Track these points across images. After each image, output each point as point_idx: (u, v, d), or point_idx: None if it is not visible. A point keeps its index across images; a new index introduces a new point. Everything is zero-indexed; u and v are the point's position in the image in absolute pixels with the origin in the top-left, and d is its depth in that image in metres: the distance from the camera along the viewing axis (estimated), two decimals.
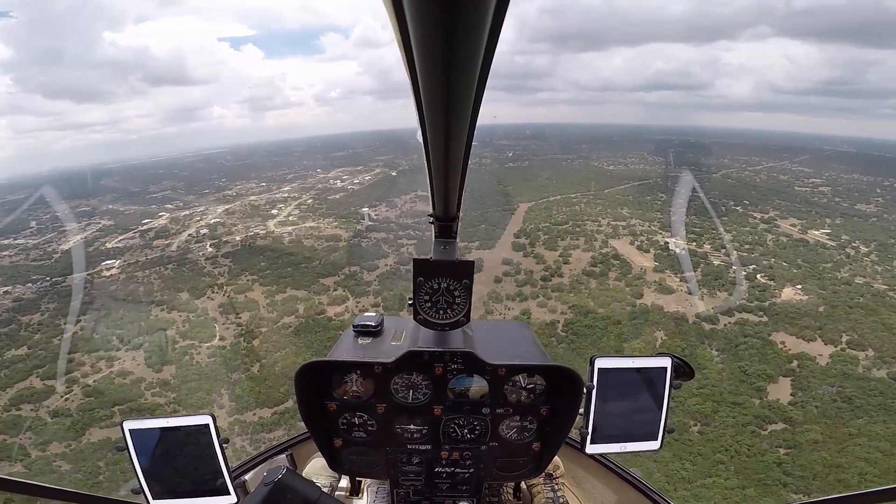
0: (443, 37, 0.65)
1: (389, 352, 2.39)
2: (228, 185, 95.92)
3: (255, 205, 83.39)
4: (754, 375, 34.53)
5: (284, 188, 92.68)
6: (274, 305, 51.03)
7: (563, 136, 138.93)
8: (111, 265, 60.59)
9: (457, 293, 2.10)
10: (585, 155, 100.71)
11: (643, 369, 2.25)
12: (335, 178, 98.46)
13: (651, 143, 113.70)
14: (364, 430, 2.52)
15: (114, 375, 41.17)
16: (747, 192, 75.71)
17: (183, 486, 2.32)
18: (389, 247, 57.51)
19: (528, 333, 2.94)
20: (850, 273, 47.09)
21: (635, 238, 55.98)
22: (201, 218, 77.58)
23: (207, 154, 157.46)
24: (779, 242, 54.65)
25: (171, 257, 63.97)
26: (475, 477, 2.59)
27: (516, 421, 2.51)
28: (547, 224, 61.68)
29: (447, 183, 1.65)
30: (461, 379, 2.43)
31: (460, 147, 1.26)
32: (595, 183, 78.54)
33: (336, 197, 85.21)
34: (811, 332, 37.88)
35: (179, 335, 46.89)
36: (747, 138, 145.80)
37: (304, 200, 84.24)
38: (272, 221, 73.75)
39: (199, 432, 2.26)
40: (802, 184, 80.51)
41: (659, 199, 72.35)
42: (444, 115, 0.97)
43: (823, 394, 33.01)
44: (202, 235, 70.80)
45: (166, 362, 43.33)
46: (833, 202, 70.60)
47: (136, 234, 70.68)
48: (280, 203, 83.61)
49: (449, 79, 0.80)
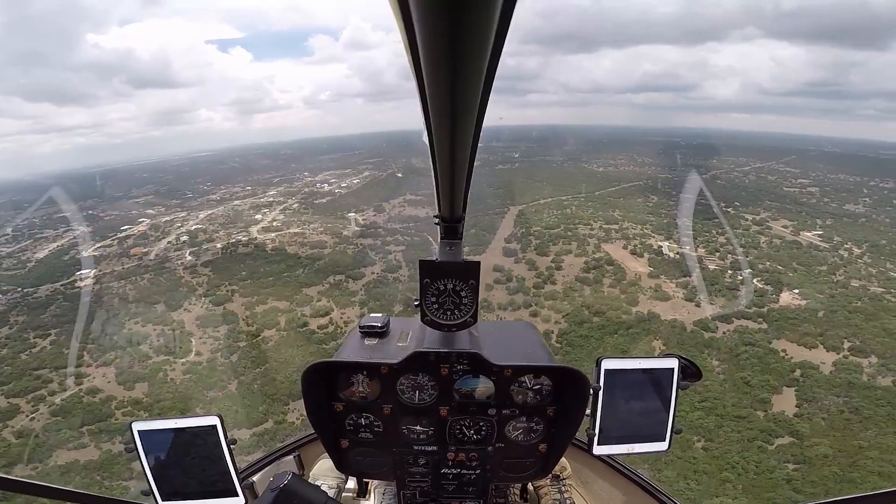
0: (449, 38, 0.64)
1: (396, 353, 2.38)
2: (213, 188, 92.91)
3: (239, 209, 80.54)
4: (757, 386, 32.73)
5: (270, 192, 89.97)
6: (254, 318, 48.36)
7: (553, 138, 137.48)
8: (86, 275, 58.00)
9: (463, 294, 2.05)
10: (575, 157, 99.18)
11: (650, 370, 2.22)
12: (322, 181, 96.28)
13: (640, 145, 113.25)
14: (370, 431, 2.49)
15: (83, 393, 38.63)
16: (737, 193, 74.81)
17: (191, 487, 2.31)
18: (377, 253, 54.92)
19: (534, 334, 2.88)
20: (846, 276, 45.75)
21: (628, 242, 54.18)
22: (182, 224, 74.63)
23: (194, 157, 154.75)
24: (773, 245, 53.30)
25: (149, 266, 61.32)
26: (481, 478, 2.54)
27: (523, 422, 2.47)
28: (538, 228, 59.66)
29: (453, 184, 1.64)
30: (467, 380, 2.39)
31: (466, 148, 1.26)
32: (586, 185, 76.91)
33: (323, 201, 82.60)
34: (812, 339, 36.21)
35: (154, 350, 44.15)
36: (734, 139, 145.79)
37: (290, 205, 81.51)
38: (256, 227, 70.81)
39: (206, 433, 2.25)
40: (790, 184, 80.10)
41: (650, 202, 71.08)
42: (450, 116, 0.98)
43: (830, 404, 31.26)
44: (182, 243, 67.89)
45: (139, 379, 40.55)
46: (822, 202, 70.26)
47: (115, 241, 68.26)
48: (265, 208, 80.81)
49: (455, 80, 0.79)
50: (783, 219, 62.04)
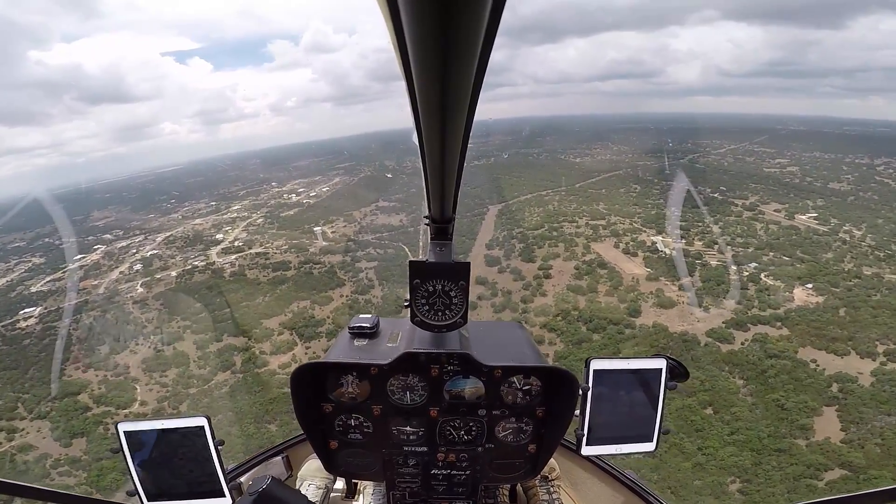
0: (439, 38, 0.62)
1: (386, 353, 2.30)
2: (176, 206, 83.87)
3: (200, 229, 71.91)
4: (794, 410, 26.86)
5: (234, 207, 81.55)
6: (206, 359, 40.72)
7: (528, 131, 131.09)
8: (30, 314, 50.15)
9: (453, 295, 1.98)
10: (551, 149, 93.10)
11: (638, 371, 2.19)
12: (290, 191, 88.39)
13: (613, 133, 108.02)
14: (360, 431, 2.43)
15: (14, 451, 32.84)
16: (720, 177, 70.01)
17: (178, 487, 2.25)
18: (346, 272, 47.37)
19: (524, 334, 2.78)
20: (856, 263, 40.62)
21: (619, 239, 48.06)
22: (138, 249, 66.28)
23: (160, 173, 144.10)
24: (770, 232, 48.02)
25: (97, 302, 53.45)
26: (471, 479, 2.48)
27: (512, 423, 2.41)
28: (521, 229, 52.98)
29: (443, 185, 1.60)
30: (457, 381, 2.33)
31: (456, 148, 1.22)
32: (566, 178, 70.72)
33: (290, 213, 74.45)
34: (842, 345, 30.63)
35: (94, 400, 37.30)
36: (703, 122, 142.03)
37: (255, 220, 73.10)
38: (215, 249, 62.40)
39: (194, 434, 2.18)
40: (770, 165, 76.14)
41: (633, 191, 65.50)
42: (440, 116, 0.95)
43: (881, 425, 25.56)
44: (135, 273, 59.61)
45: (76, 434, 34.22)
46: (805, 182, 66.31)
47: (66, 273, 60.14)
48: (227, 225, 72.32)
49: (444, 80, 0.76)
50: (773, 202, 57.39)
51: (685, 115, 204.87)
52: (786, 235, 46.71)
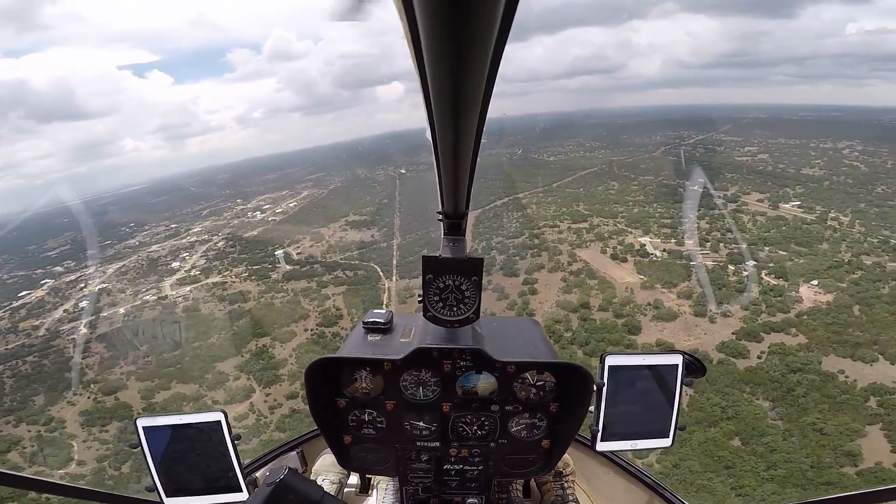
0: (453, 33, 0.61)
1: (399, 349, 2.23)
2: (135, 231, 75.16)
3: (156, 257, 63.84)
4: (834, 434, 22.35)
5: (195, 229, 73.35)
6: (151, 410, 34.01)
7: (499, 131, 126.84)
8: None
9: (466, 290, 1.92)
10: (525, 147, 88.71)
11: (654, 367, 2.10)
12: (255, 207, 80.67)
13: (583, 129, 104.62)
14: (373, 426, 2.36)
15: None
16: (693, 168, 66.92)
17: (196, 482, 2.20)
18: (311, 301, 40.93)
19: (538, 330, 2.64)
20: (854, 253, 37.17)
21: (605, 244, 43.39)
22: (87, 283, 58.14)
23: (123, 193, 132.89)
24: (758, 224, 44.38)
25: (34, 346, 45.99)
26: (484, 474, 2.41)
27: (525, 418, 2.32)
28: (500, 239, 47.76)
29: (456, 180, 1.56)
30: (470, 376, 2.26)
31: (469, 143, 1.20)
32: (542, 178, 66.16)
33: (253, 233, 66.95)
34: (868, 351, 26.54)
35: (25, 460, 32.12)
36: (667, 114, 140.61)
37: (215, 244, 65.31)
38: (169, 281, 54.80)
39: (211, 429, 2.14)
40: (741, 153, 73.79)
41: (612, 188, 61.45)
42: (453, 112, 0.93)
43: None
44: (79, 311, 51.72)
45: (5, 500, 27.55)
46: (779, 169, 63.92)
47: (7, 312, 52.16)
48: (185, 251, 64.43)
49: (458, 76, 0.75)
50: (753, 192, 54.27)
51: (650, 108, 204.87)
52: (776, 227, 43.13)
